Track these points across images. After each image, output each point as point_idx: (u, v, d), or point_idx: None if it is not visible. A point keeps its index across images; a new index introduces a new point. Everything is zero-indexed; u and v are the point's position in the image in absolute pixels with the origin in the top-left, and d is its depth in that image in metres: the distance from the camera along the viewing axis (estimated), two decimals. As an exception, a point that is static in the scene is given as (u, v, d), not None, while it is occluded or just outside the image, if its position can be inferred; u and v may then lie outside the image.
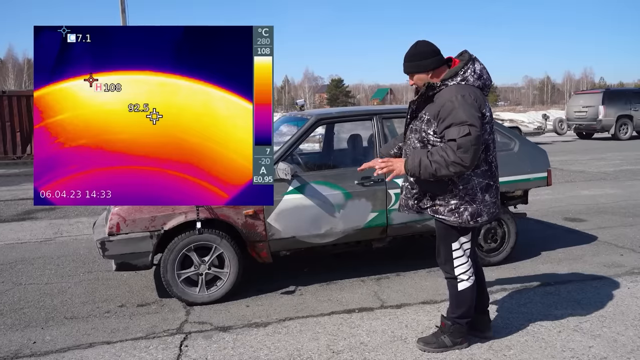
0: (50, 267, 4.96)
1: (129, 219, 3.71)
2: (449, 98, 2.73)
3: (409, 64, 2.89)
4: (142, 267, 3.84)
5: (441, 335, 3.04)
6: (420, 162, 2.72)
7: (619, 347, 3.01)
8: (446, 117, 2.71)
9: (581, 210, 6.83)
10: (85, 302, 4.00)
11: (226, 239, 3.84)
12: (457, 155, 2.64)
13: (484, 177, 2.86)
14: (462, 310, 2.99)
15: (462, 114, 2.67)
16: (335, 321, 3.50)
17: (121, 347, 3.21)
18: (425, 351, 3.01)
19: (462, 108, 2.68)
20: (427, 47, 2.87)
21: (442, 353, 2.99)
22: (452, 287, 3.01)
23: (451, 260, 2.96)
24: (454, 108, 2.69)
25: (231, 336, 3.32)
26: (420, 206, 2.96)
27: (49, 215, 7.49)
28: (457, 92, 2.74)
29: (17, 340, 3.36)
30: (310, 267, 4.65)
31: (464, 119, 2.66)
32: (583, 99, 19.21)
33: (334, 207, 4.04)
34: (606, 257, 4.74)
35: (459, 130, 2.66)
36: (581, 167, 11.09)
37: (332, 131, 5.28)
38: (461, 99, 2.71)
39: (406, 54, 2.90)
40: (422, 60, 2.85)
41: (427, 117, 2.84)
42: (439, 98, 2.79)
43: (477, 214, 2.85)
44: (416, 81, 2.91)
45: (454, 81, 2.80)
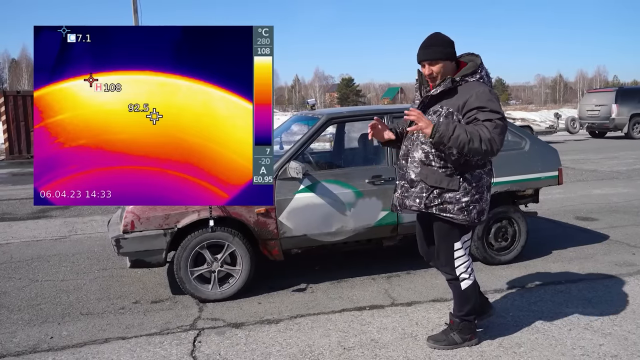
0: (66, 264, 5.04)
1: (143, 217, 3.77)
2: (481, 89, 2.74)
3: (435, 48, 2.78)
4: (155, 264, 3.90)
5: (450, 332, 3.07)
6: (455, 128, 2.62)
7: (630, 346, 3.02)
8: (479, 104, 2.69)
9: (593, 209, 6.80)
10: (100, 299, 4.07)
11: (238, 237, 3.89)
12: (492, 135, 2.62)
13: (489, 176, 2.92)
14: (468, 307, 3.02)
15: (495, 105, 2.71)
16: (346, 318, 3.54)
17: (136, 343, 3.28)
18: (435, 349, 3.04)
19: (495, 100, 2.73)
20: (448, 38, 2.84)
21: (452, 350, 3.01)
22: (456, 288, 3.03)
23: (452, 260, 2.96)
24: (489, 98, 2.71)
25: (243, 332, 3.37)
26: (426, 204, 2.86)
27: (64, 213, 7.60)
28: (485, 86, 2.78)
29: (34, 335, 3.44)
30: (321, 265, 4.68)
31: (497, 109, 2.70)
32: (596, 97, 19.06)
33: (344, 206, 4.08)
34: (617, 256, 4.73)
35: (492, 115, 2.67)
36: (593, 166, 11.02)
37: (343, 130, 5.31)
38: (489, 92, 2.75)
39: (428, 39, 2.82)
40: (447, 47, 2.81)
41: (446, 110, 2.77)
42: (464, 90, 2.76)
43: (482, 212, 2.89)
44: (437, 69, 2.80)
45: (474, 78, 2.81)
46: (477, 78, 2.81)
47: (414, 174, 2.90)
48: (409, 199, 2.93)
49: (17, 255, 5.42)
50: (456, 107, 2.75)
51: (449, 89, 2.78)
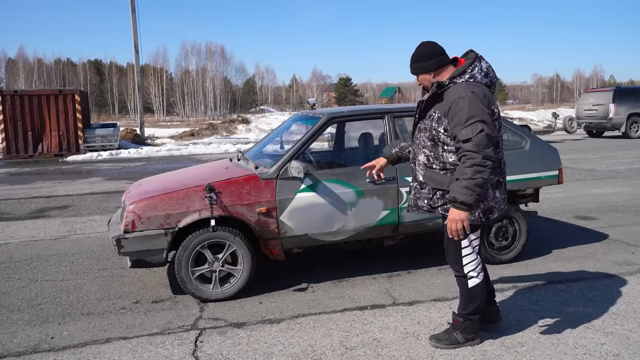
0: (65, 264, 5.03)
1: (144, 217, 3.76)
2: (459, 94, 2.76)
3: (412, 65, 2.98)
4: (156, 264, 3.89)
5: (453, 332, 3.07)
6: (465, 186, 2.65)
7: (632, 344, 3.02)
8: (457, 114, 2.73)
9: (592, 208, 6.82)
10: (101, 299, 4.06)
11: (239, 237, 3.88)
12: (479, 153, 2.64)
13: (494, 174, 2.89)
14: (473, 306, 3.02)
15: (473, 109, 2.70)
16: (348, 318, 3.54)
17: (137, 343, 3.27)
18: (437, 348, 3.04)
19: (473, 104, 2.71)
20: (430, 49, 2.92)
21: (454, 349, 3.01)
22: (463, 285, 3.03)
23: (460, 258, 2.98)
24: (465, 105, 2.71)
25: (245, 332, 3.37)
26: (431, 205, 2.97)
27: (62, 213, 7.58)
28: (466, 89, 2.77)
29: (35, 335, 3.43)
30: (322, 265, 4.68)
31: (475, 115, 2.69)
32: (593, 97, 19.11)
33: (345, 205, 4.07)
34: (617, 255, 4.74)
35: (472, 129, 2.67)
36: (592, 166, 11.04)
37: (343, 130, 5.31)
38: (471, 94, 2.74)
39: (413, 55, 2.98)
40: (424, 61, 2.92)
41: (437, 115, 2.87)
42: (448, 95, 2.82)
43: (488, 211, 2.89)
44: (422, 81, 2.99)
45: (462, 79, 2.83)
46: (466, 78, 2.83)
47: (421, 176, 3.02)
48: (420, 199, 3.04)
49: (16, 255, 5.40)
50: (442, 112, 2.85)
51: (435, 94, 2.89)
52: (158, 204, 3.81)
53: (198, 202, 3.83)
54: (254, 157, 4.62)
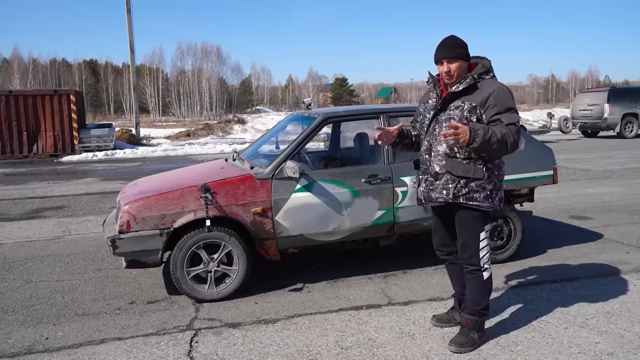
0: (60, 264, 5.01)
1: (139, 217, 3.75)
2: (498, 86, 2.91)
3: (456, 49, 2.92)
4: (151, 264, 3.88)
5: (470, 332, 3.04)
6: (488, 135, 2.75)
7: (626, 344, 3.04)
8: (499, 102, 2.85)
9: (587, 208, 6.84)
10: (96, 299, 4.05)
11: (235, 237, 3.88)
12: (514, 139, 2.81)
13: (505, 165, 3.08)
14: (486, 300, 3.05)
15: (512, 102, 2.91)
16: (343, 318, 3.54)
17: (132, 343, 3.26)
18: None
19: (511, 97, 2.92)
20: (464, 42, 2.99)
21: (450, 351, 3.01)
22: (477, 279, 3.02)
23: (478, 251, 3.00)
24: (506, 96, 2.88)
25: (240, 332, 3.36)
26: (454, 194, 2.93)
27: (57, 213, 7.55)
28: (502, 84, 2.94)
29: (29, 336, 3.41)
30: (317, 265, 4.68)
31: (513, 106, 2.90)
32: (588, 97, 19.18)
33: (341, 205, 4.08)
34: (612, 255, 4.76)
35: (512, 117, 2.85)
36: (587, 165, 11.08)
37: (339, 130, 5.31)
38: (507, 90, 2.92)
39: (447, 40, 2.95)
40: (465, 49, 2.96)
41: (468, 105, 2.89)
42: (484, 87, 2.91)
43: (502, 199, 3.03)
44: (455, 67, 2.91)
45: (488, 76, 2.97)
46: (491, 76, 2.99)
47: (439, 167, 3.00)
48: (434, 191, 3.02)
49: (11, 255, 5.38)
50: (478, 102, 2.89)
51: (469, 85, 2.92)
52: (153, 204, 3.80)
53: (193, 202, 3.82)
54: (249, 157, 4.62)
